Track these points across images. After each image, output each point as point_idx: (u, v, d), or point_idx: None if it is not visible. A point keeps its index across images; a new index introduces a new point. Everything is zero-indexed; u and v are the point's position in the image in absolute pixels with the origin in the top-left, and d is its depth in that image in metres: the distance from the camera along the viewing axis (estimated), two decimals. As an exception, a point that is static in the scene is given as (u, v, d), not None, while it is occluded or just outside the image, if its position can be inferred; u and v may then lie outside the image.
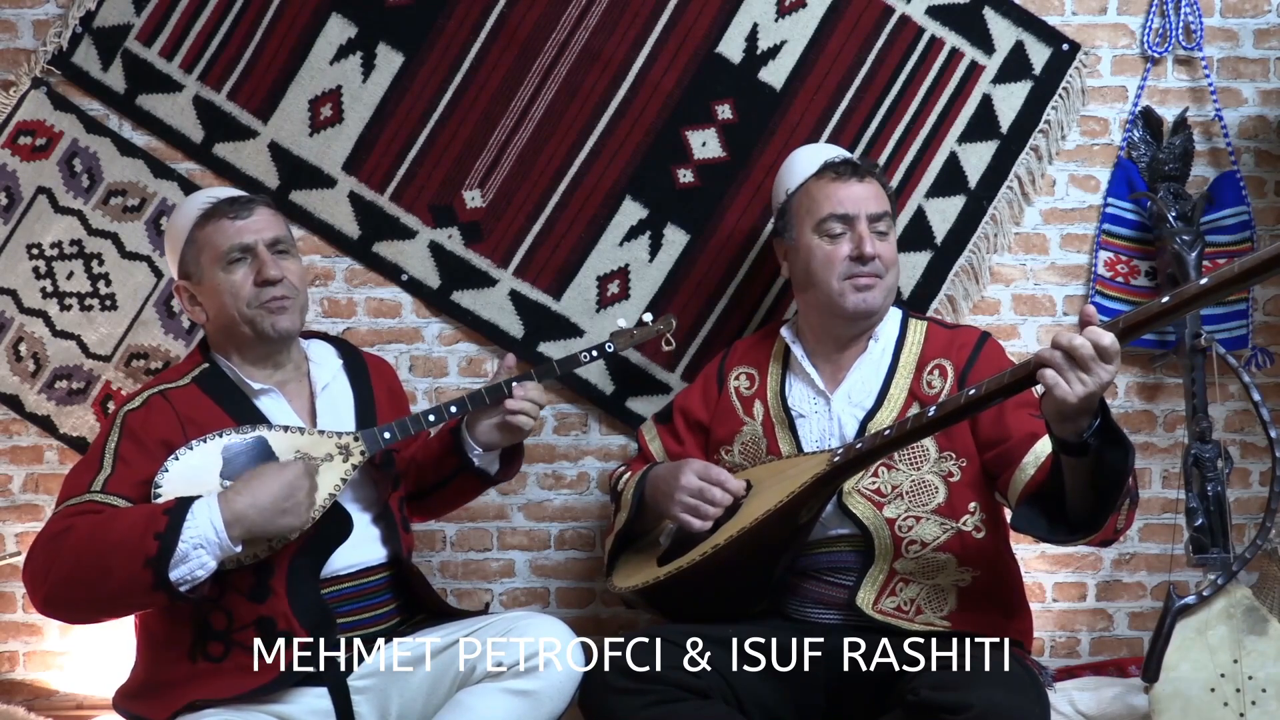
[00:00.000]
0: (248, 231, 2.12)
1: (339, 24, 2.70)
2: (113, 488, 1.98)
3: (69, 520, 1.93)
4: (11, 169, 2.71)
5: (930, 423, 1.96)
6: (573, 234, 2.70)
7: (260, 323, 2.11)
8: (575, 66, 2.69)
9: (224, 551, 1.90)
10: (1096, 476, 1.88)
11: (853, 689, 2.07)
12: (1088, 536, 1.95)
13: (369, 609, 2.15)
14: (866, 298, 2.23)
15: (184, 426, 2.05)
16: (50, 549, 1.92)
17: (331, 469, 2.06)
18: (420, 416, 2.17)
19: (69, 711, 2.70)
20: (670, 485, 2.20)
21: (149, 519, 1.88)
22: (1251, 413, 2.55)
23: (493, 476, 2.34)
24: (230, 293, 2.11)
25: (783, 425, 2.30)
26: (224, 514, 1.89)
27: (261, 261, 2.11)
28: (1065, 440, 1.85)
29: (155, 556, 1.84)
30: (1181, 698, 2.39)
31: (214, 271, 2.12)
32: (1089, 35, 2.70)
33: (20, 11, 2.72)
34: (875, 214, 2.25)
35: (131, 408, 2.07)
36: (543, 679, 2.00)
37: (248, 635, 2.01)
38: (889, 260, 2.26)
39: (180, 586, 1.87)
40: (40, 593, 1.93)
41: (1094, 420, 1.83)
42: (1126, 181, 2.69)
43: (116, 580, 1.87)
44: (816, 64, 2.68)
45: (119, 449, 2.02)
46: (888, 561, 2.13)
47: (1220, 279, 1.71)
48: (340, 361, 2.28)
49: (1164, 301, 1.75)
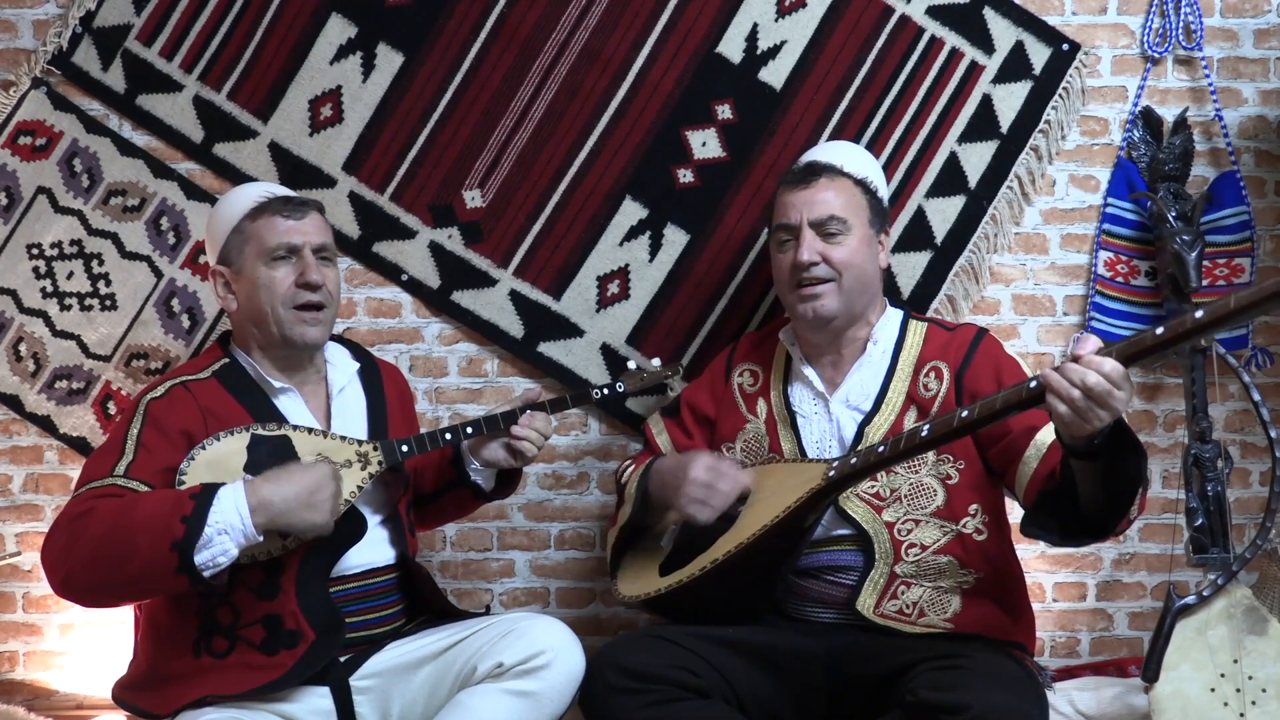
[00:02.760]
0: (298, 233, 2.15)
1: (339, 24, 2.69)
2: (135, 473, 1.99)
3: (91, 503, 1.93)
4: (11, 169, 2.71)
5: (923, 443, 1.96)
6: (573, 234, 2.70)
7: (290, 328, 2.13)
8: (575, 66, 2.69)
9: (247, 539, 1.90)
10: (1109, 478, 1.86)
11: (852, 689, 2.07)
12: (1101, 539, 1.94)
13: (376, 609, 2.15)
14: (815, 306, 2.20)
15: (205, 418, 2.07)
16: (72, 530, 1.92)
17: (350, 475, 2.07)
18: (438, 434, 2.17)
19: (69, 711, 2.70)
20: (678, 477, 2.19)
21: (176, 502, 1.89)
22: (1251, 413, 2.55)
23: (487, 493, 2.34)
24: (268, 288, 2.13)
25: (785, 425, 2.29)
26: (249, 500, 1.90)
27: (306, 264, 2.14)
28: (1076, 447, 1.84)
29: (181, 539, 1.85)
30: (1181, 698, 2.39)
31: (256, 264, 2.14)
32: (1089, 35, 2.70)
33: (20, 11, 2.72)
34: (819, 218, 2.21)
35: (155, 396, 2.08)
36: (543, 680, 2.00)
37: (254, 632, 2.01)
38: (840, 261, 2.20)
39: (204, 571, 1.87)
40: (60, 573, 1.93)
41: (1106, 425, 1.80)
42: (1126, 181, 2.69)
43: (139, 562, 1.87)
44: (816, 64, 2.68)
45: (141, 435, 2.03)
46: (888, 565, 2.12)
47: (1216, 314, 1.67)
48: (356, 366, 2.30)
49: (1158, 333, 1.73)
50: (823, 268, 2.20)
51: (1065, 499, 1.95)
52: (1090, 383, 1.73)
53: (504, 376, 2.74)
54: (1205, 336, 1.76)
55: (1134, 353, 1.75)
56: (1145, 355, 1.76)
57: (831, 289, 2.21)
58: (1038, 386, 1.81)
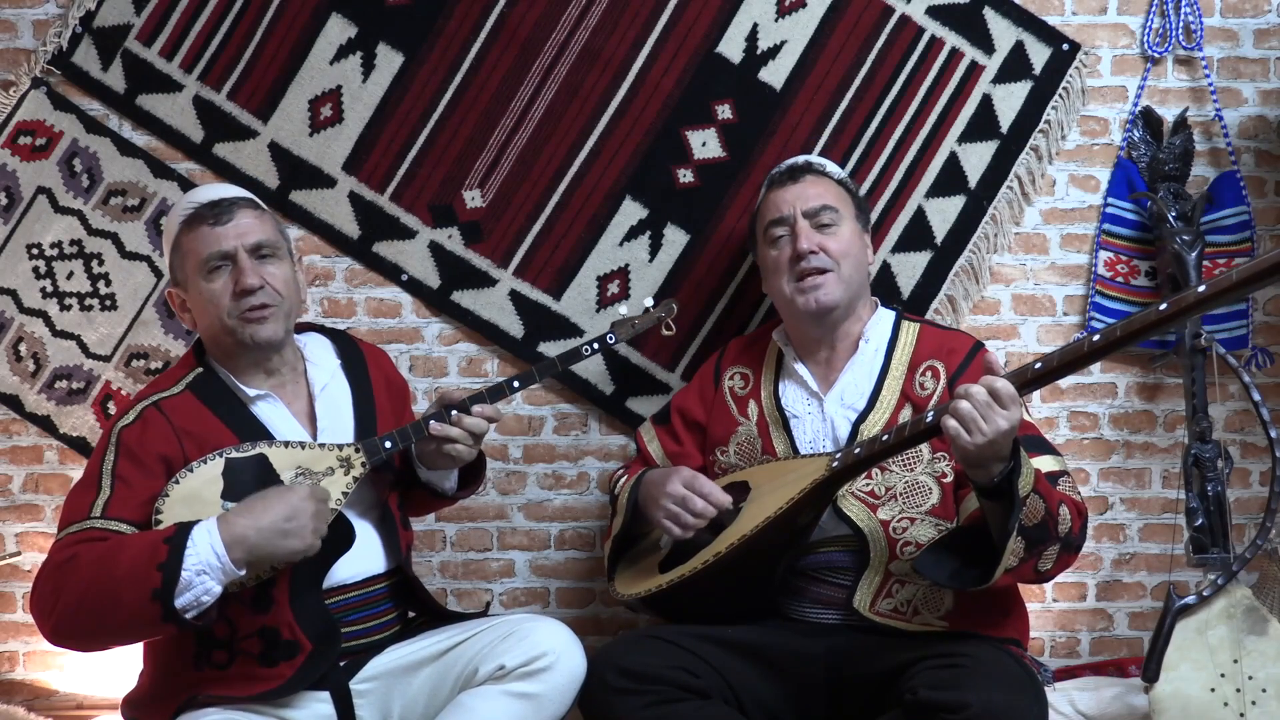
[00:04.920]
0: (227, 238, 2.06)
1: (339, 24, 2.69)
2: (114, 511, 1.94)
3: (72, 549, 1.90)
4: (11, 169, 2.71)
5: (927, 429, 1.96)
6: (573, 234, 2.70)
7: (240, 332, 2.06)
8: (575, 66, 2.69)
9: (227, 575, 1.87)
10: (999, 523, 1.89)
11: (852, 689, 2.07)
12: (981, 583, 1.93)
13: (373, 617, 2.14)
14: (818, 296, 2.22)
15: (181, 440, 2.01)
16: (56, 578, 1.90)
17: (333, 483, 2.04)
18: (420, 424, 2.12)
19: (69, 711, 2.70)
20: (657, 491, 2.20)
21: (151, 549, 1.85)
22: (1251, 413, 2.55)
23: (445, 493, 2.28)
24: (211, 301, 2.06)
25: (777, 426, 2.29)
26: (224, 536, 1.86)
27: (240, 270, 2.05)
28: (980, 485, 1.88)
29: (160, 588, 1.82)
30: (1181, 698, 2.39)
31: (196, 280, 2.07)
32: (1089, 35, 2.70)
33: (20, 11, 2.72)
34: (812, 208, 2.24)
35: (126, 423, 2.02)
36: (544, 681, 1.99)
37: (251, 644, 2.00)
38: (837, 250, 2.23)
39: (186, 613, 1.84)
40: (49, 623, 1.91)
41: (1007, 466, 1.84)
42: (1126, 181, 2.69)
43: (125, 614, 1.85)
44: (816, 64, 2.68)
45: (116, 469, 1.98)
46: (883, 563, 2.13)
47: (1180, 305, 1.74)
48: (338, 361, 2.25)
49: (1161, 309, 1.78)
50: (821, 257, 2.22)
51: (978, 538, 1.96)
52: (972, 392, 1.80)
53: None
54: (1205, 310, 1.81)
55: (1060, 362, 1.84)
56: (1150, 330, 1.79)
57: (832, 278, 2.22)
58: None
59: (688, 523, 2.15)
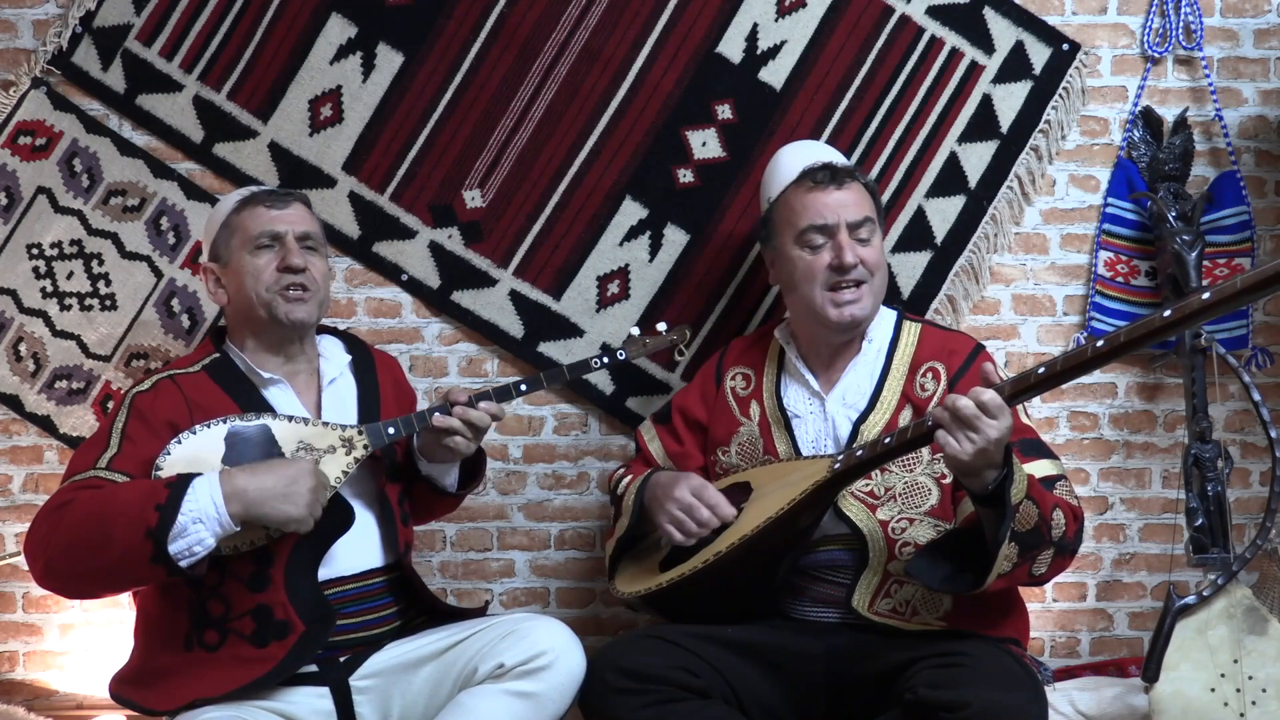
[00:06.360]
0: (281, 221, 2.18)
1: (339, 24, 2.70)
2: (117, 465, 2.00)
3: (72, 494, 1.95)
4: (11, 169, 2.71)
5: (929, 431, 1.96)
6: (573, 234, 2.70)
7: (276, 308, 2.15)
8: (575, 66, 2.69)
9: (223, 528, 1.91)
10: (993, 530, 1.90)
11: (852, 688, 2.07)
12: (974, 589, 1.94)
13: (370, 611, 2.15)
14: (852, 310, 2.20)
15: (191, 410, 2.08)
16: (52, 519, 1.94)
17: (334, 461, 2.08)
18: (424, 413, 2.17)
19: (69, 711, 2.71)
20: (664, 495, 2.21)
21: (151, 491, 1.90)
22: (1251, 413, 2.55)
23: (447, 489, 2.31)
24: (252, 274, 2.16)
25: (779, 426, 2.29)
26: (224, 488, 1.91)
27: (288, 249, 2.17)
28: (973, 492, 1.89)
29: (155, 527, 1.86)
30: (1181, 698, 2.39)
31: (241, 254, 2.17)
32: (1089, 35, 2.70)
33: (20, 11, 2.72)
34: (855, 221, 2.22)
35: (141, 389, 2.11)
36: (544, 680, 2.00)
37: (244, 624, 2.01)
38: (873, 264, 2.23)
39: (179, 560, 1.88)
40: (40, 562, 1.95)
41: (1000, 473, 1.85)
42: (1126, 181, 2.69)
43: (116, 550, 1.88)
44: (816, 64, 2.68)
45: (125, 428, 2.05)
46: (881, 563, 2.13)
47: (1185, 311, 1.76)
48: (349, 358, 2.30)
49: (1165, 315, 1.78)
50: (860, 270, 2.21)
51: (972, 542, 1.97)
52: (959, 405, 1.81)
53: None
54: (1207, 318, 1.81)
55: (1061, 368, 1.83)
56: (1154, 336, 1.80)
57: (866, 291, 2.22)
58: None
59: (690, 530, 2.15)
